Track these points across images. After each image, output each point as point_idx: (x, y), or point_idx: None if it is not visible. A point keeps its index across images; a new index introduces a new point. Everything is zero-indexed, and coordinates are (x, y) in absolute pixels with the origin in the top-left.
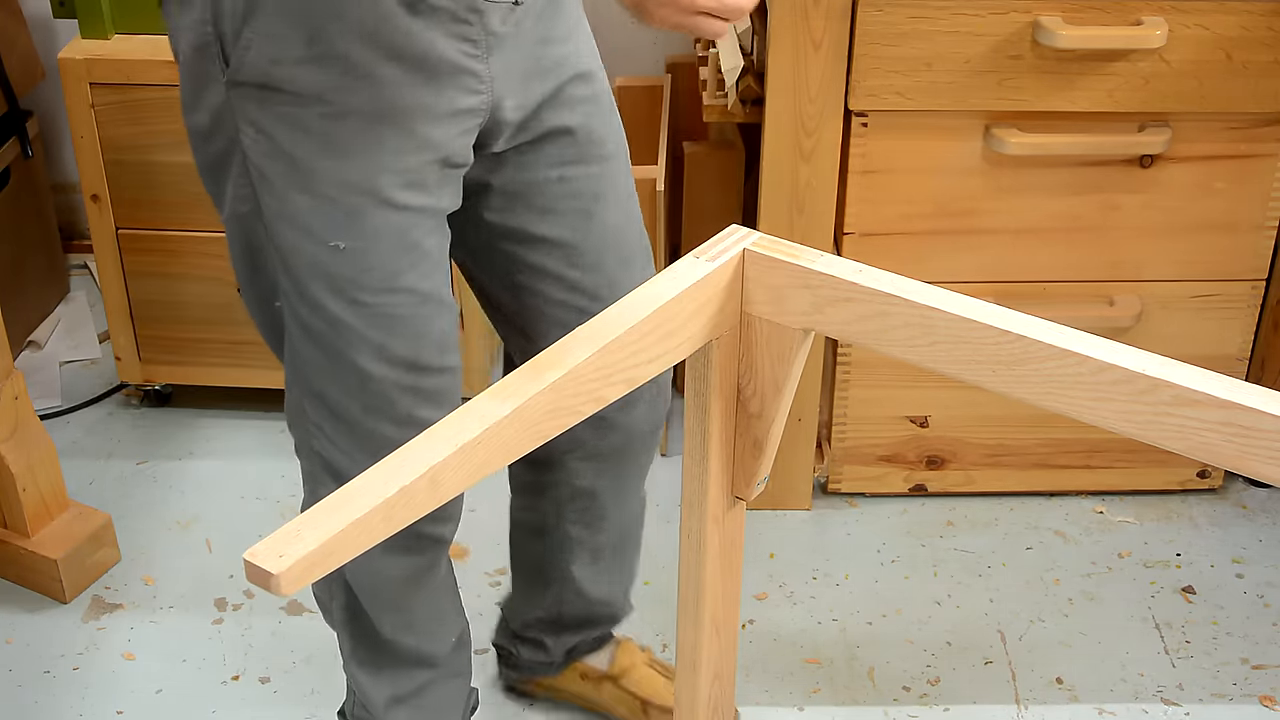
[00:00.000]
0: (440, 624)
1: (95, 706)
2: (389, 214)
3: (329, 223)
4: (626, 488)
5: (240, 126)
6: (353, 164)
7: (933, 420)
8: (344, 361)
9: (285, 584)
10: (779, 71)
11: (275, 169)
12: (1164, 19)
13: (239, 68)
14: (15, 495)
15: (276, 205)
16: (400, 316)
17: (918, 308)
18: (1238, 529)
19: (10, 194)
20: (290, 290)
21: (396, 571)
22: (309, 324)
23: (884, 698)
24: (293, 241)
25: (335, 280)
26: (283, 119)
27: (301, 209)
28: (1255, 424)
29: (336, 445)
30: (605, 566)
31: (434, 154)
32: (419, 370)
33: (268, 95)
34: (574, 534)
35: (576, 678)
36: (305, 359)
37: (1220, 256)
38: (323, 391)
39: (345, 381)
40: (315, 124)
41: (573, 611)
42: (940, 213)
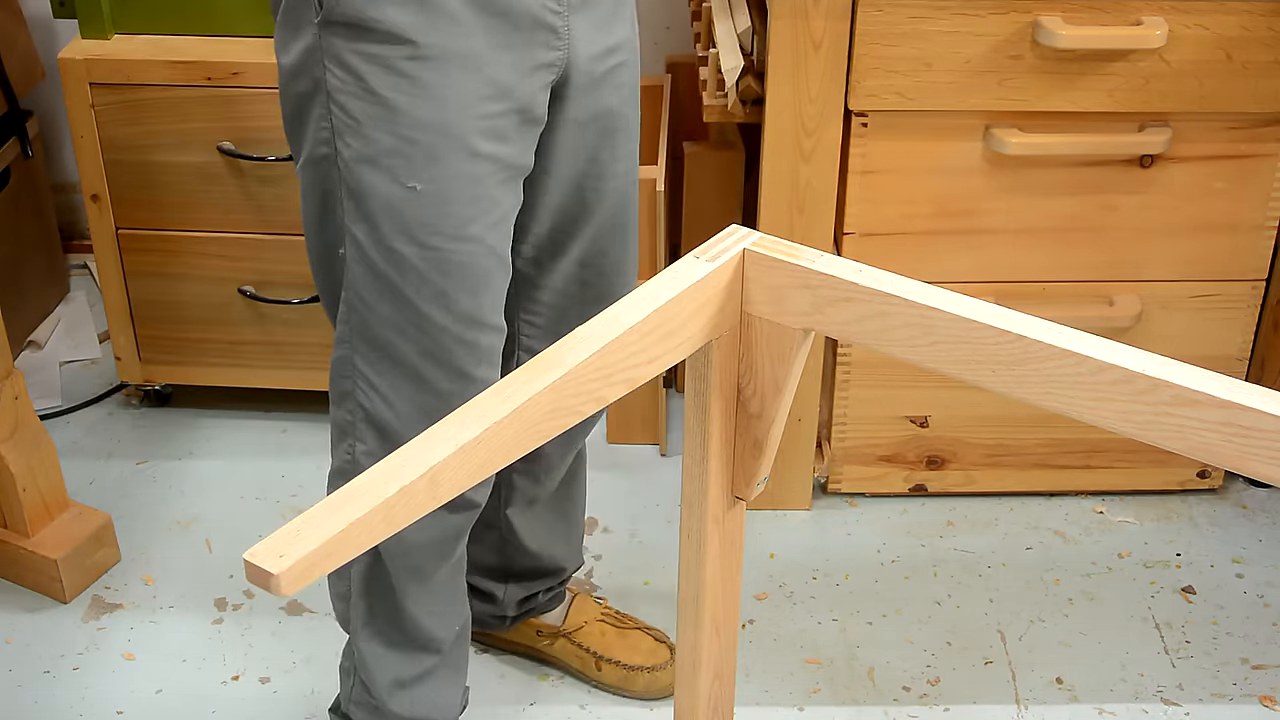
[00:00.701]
0: (451, 605)
1: (95, 706)
2: (467, 160)
3: (409, 164)
4: (573, 443)
5: (328, 66)
6: (436, 106)
7: (933, 420)
8: (408, 306)
9: (285, 584)
10: (779, 71)
11: (359, 108)
12: (1164, 19)
13: (333, 6)
14: (15, 495)
15: (357, 146)
16: (466, 265)
17: (918, 308)
18: (1238, 529)
19: (10, 194)
20: (362, 234)
21: (432, 533)
22: (376, 266)
23: (884, 698)
24: (370, 182)
25: (408, 222)
26: (370, 58)
27: (383, 149)
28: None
29: (385, 398)
30: (540, 516)
31: (513, 104)
32: (477, 325)
33: (358, 34)
34: (517, 484)
35: (531, 633)
36: (368, 304)
37: (1220, 256)
38: (382, 339)
39: (406, 327)
40: (402, 65)
41: (519, 561)
42: (940, 213)
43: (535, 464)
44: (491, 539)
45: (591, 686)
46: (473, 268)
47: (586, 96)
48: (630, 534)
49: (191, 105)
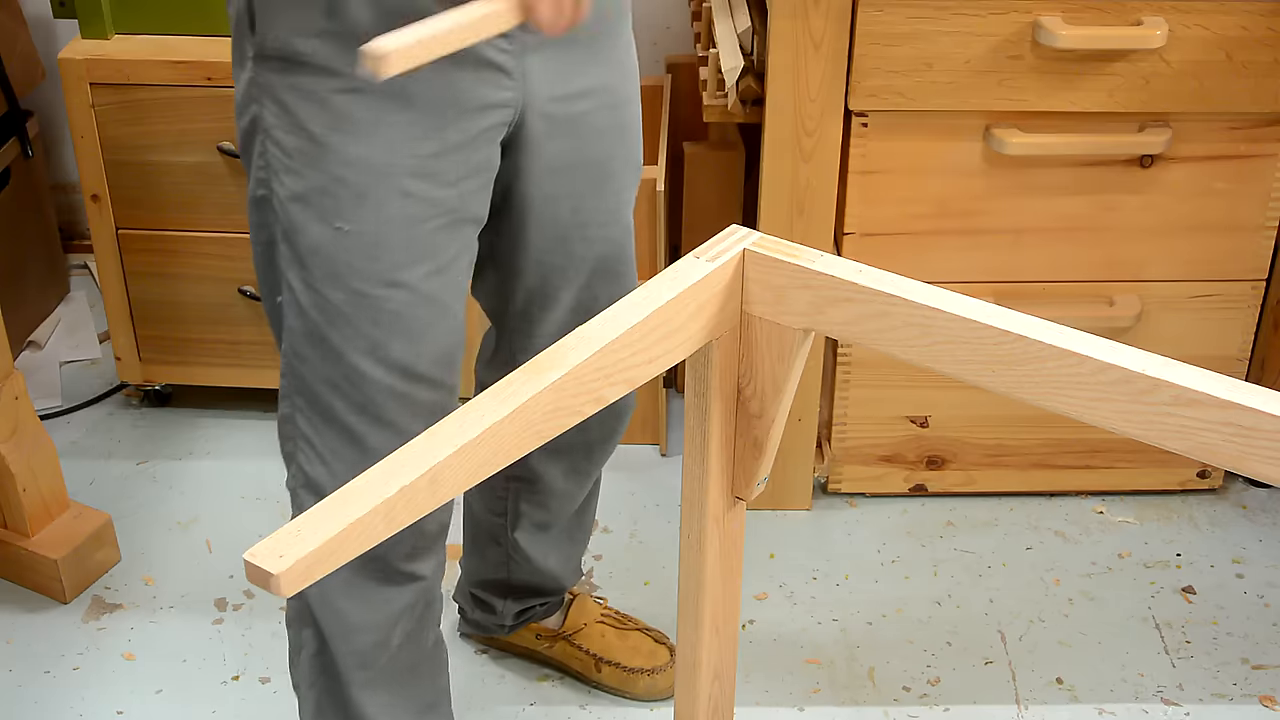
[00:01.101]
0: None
1: (95, 706)
2: (399, 201)
3: (337, 203)
4: (579, 476)
5: (263, 101)
6: (366, 143)
7: (933, 420)
8: (338, 358)
9: (285, 584)
10: (779, 71)
11: (290, 144)
12: (1164, 19)
13: (264, 39)
14: (15, 495)
15: (289, 184)
16: (399, 314)
17: (918, 308)
18: (1238, 529)
19: (10, 194)
20: (295, 279)
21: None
22: (307, 313)
23: (884, 698)
24: (300, 222)
25: (336, 265)
26: (301, 92)
27: (311, 187)
28: (1255, 424)
29: (324, 460)
30: (553, 540)
31: (453, 145)
32: (414, 378)
33: (289, 68)
34: (522, 509)
35: (530, 636)
36: (302, 356)
37: (1220, 256)
38: (315, 393)
39: (339, 381)
40: (333, 99)
41: (520, 578)
42: (940, 213)
43: (545, 495)
44: (496, 555)
45: (591, 687)
46: (406, 317)
47: (554, 142)
48: (630, 534)
49: (191, 105)
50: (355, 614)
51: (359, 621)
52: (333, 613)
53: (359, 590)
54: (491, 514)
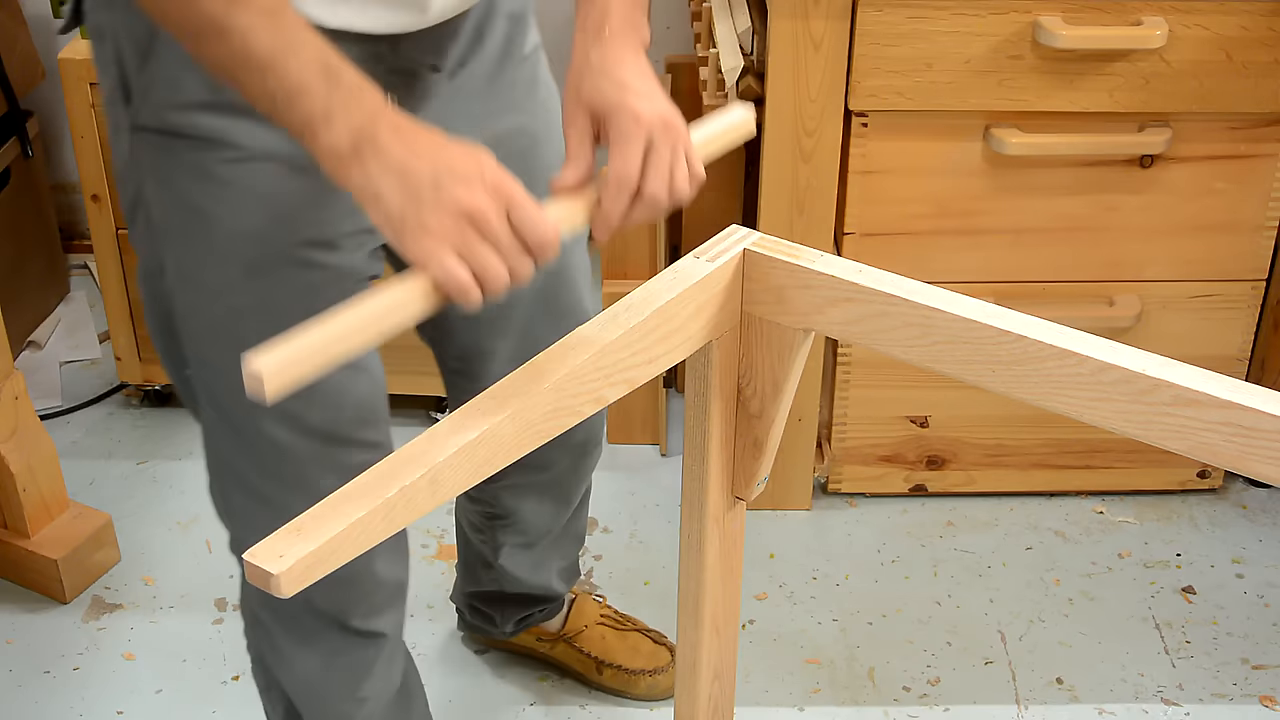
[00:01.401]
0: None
1: (95, 706)
2: (294, 272)
3: (228, 279)
4: (556, 506)
5: (144, 177)
6: (256, 215)
7: (933, 420)
8: (256, 434)
9: (285, 584)
10: (779, 71)
11: (177, 220)
12: (1164, 19)
13: (139, 111)
14: (15, 495)
15: (178, 261)
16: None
17: (918, 308)
18: (1238, 529)
19: (10, 194)
20: (195, 357)
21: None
22: (215, 393)
23: (884, 698)
24: (194, 301)
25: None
26: (185, 165)
27: (202, 264)
28: (1255, 424)
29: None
30: (540, 557)
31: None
32: (337, 443)
33: (169, 141)
34: (501, 539)
35: (531, 639)
36: (219, 435)
37: (1220, 256)
38: (240, 471)
39: (259, 456)
40: (218, 169)
41: (514, 591)
42: (940, 213)
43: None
44: (488, 575)
45: (592, 688)
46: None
47: None
48: (630, 534)
49: None
50: (318, 679)
51: (323, 687)
52: (298, 680)
53: (321, 654)
54: (479, 538)
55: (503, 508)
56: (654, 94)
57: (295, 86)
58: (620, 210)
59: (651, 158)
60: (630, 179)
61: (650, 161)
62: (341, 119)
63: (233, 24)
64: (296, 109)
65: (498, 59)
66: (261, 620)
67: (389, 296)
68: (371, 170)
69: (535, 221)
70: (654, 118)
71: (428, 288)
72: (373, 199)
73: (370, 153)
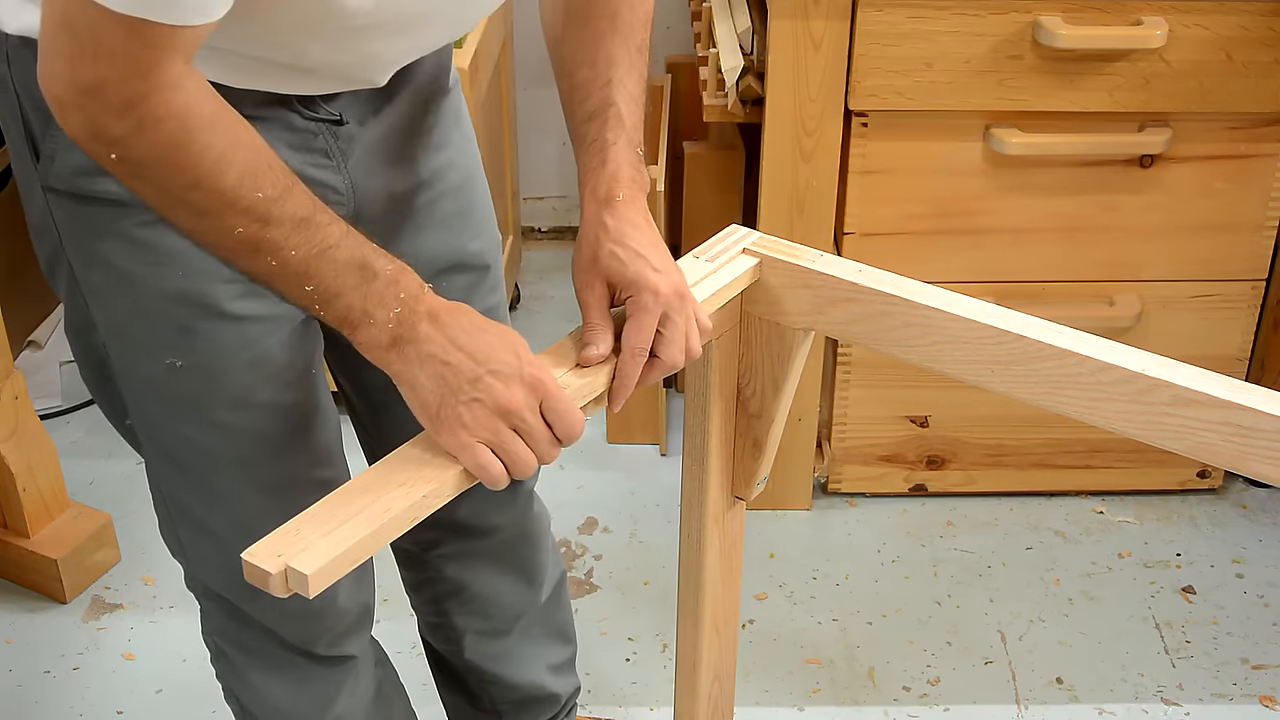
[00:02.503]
0: None
1: (95, 706)
2: (227, 326)
3: (161, 339)
4: (513, 573)
5: (61, 234)
6: (179, 274)
7: (933, 420)
8: (210, 487)
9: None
10: (779, 71)
11: (101, 281)
12: (1164, 19)
13: (48, 173)
14: (15, 495)
15: (106, 320)
16: (263, 433)
17: (918, 308)
18: (1238, 529)
19: (10, 194)
20: (135, 411)
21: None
22: (164, 446)
23: (884, 698)
24: (129, 361)
25: (180, 402)
26: (101, 229)
27: (130, 325)
28: (1255, 424)
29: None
30: (516, 649)
31: None
32: (298, 487)
33: (83, 205)
34: (460, 625)
35: None
36: (170, 483)
37: (1220, 256)
38: (190, 511)
39: (214, 506)
40: (135, 232)
41: (500, 699)
42: (940, 213)
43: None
44: (470, 688)
45: (592, 687)
46: (274, 434)
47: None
48: (630, 534)
49: None
50: (288, 704)
51: (293, 711)
52: (268, 709)
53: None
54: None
55: (450, 583)
56: (668, 264)
57: (332, 290)
58: (635, 377)
59: (669, 328)
60: (644, 350)
61: (668, 330)
62: (380, 314)
63: (266, 241)
64: (335, 308)
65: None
66: (226, 653)
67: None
68: (411, 360)
69: (566, 413)
70: (670, 291)
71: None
72: (410, 387)
73: (409, 344)
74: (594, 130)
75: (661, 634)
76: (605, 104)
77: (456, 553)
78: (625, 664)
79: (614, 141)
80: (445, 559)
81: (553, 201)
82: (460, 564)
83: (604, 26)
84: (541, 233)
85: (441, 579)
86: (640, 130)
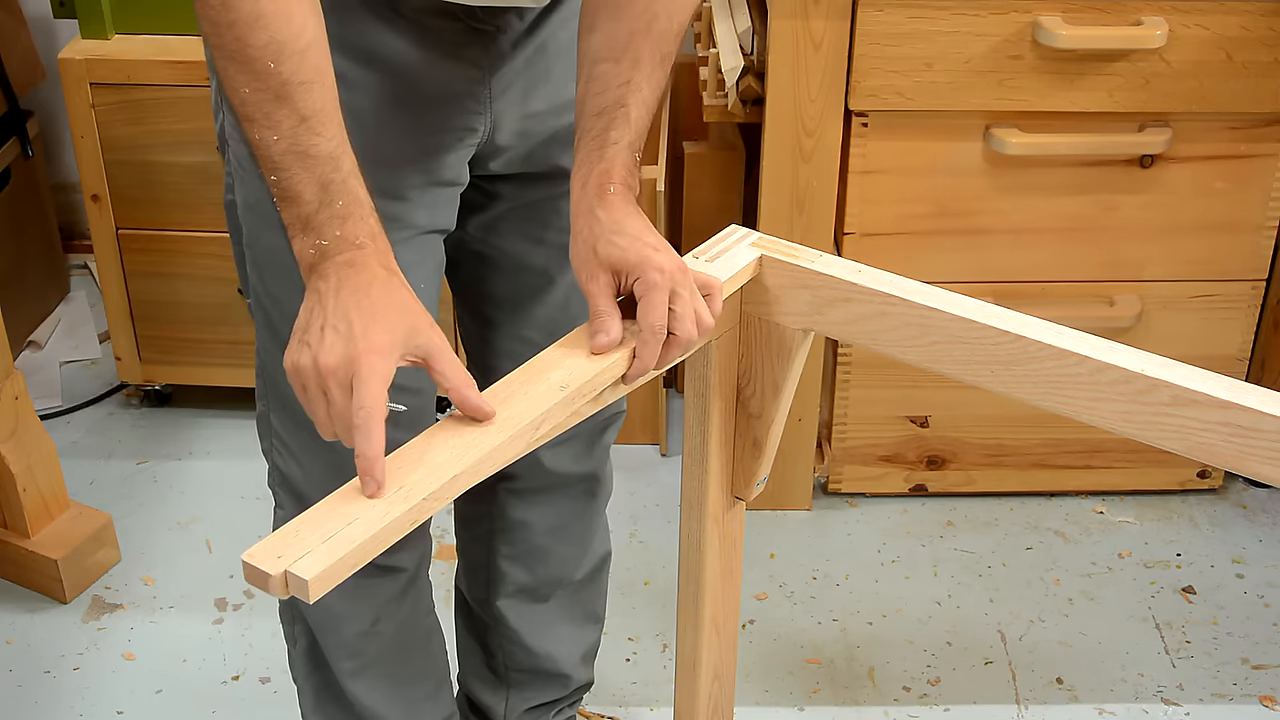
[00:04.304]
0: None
1: (95, 706)
2: None
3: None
4: (568, 531)
5: (224, 107)
6: None
7: (933, 420)
8: None
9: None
10: (779, 71)
11: (244, 152)
12: (1164, 19)
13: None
14: (15, 495)
15: (246, 190)
16: None
17: (917, 308)
18: (1238, 529)
19: (10, 194)
20: (255, 281)
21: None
22: (270, 320)
23: (884, 698)
24: (257, 229)
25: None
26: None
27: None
28: (1255, 424)
29: (297, 458)
30: (548, 616)
31: (415, 167)
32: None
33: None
34: (504, 569)
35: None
36: (271, 357)
37: (1220, 256)
38: (285, 394)
39: None
40: None
41: (515, 663)
42: (940, 213)
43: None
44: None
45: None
46: None
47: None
48: (630, 534)
49: (191, 105)
50: (338, 605)
51: (342, 612)
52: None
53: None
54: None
55: (507, 520)
56: (664, 244)
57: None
58: (655, 356)
59: (678, 304)
60: (662, 328)
61: (678, 306)
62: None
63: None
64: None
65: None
66: None
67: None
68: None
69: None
70: (674, 267)
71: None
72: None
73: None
74: (600, 126)
75: (661, 634)
76: (618, 103)
77: (527, 490)
78: (625, 664)
79: (616, 142)
80: (513, 496)
81: None
82: (526, 504)
83: (639, 28)
84: None
85: (502, 515)
86: (644, 137)
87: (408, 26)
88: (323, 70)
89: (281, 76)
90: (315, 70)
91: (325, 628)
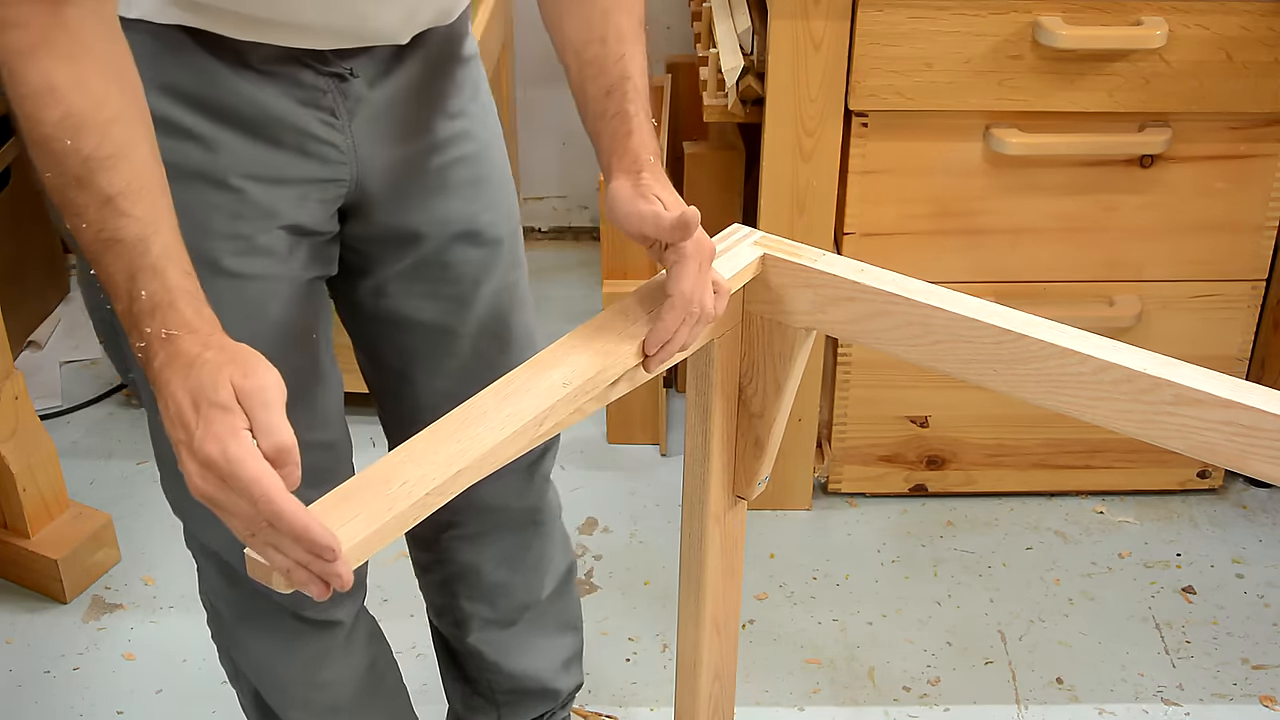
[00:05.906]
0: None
1: (95, 706)
2: (225, 282)
3: None
4: (522, 562)
5: None
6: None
7: (933, 420)
8: None
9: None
10: (779, 71)
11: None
12: (1164, 19)
13: None
14: (15, 495)
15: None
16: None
17: (919, 307)
18: (1238, 529)
19: (10, 194)
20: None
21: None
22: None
23: (884, 698)
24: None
25: None
26: None
27: None
28: (1256, 423)
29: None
30: (521, 638)
31: (279, 221)
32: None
33: None
34: (468, 609)
35: None
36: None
37: (1220, 256)
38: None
39: None
40: None
41: (499, 686)
42: (940, 213)
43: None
44: (470, 671)
45: (592, 687)
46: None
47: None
48: (630, 534)
49: None
50: (278, 665)
51: (281, 668)
52: (258, 666)
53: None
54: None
55: (459, 565)
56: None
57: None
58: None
59: (702, 278)
60: (694, 298)
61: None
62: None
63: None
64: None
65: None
66: (219, 611)
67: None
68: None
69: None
70: (706, 242)
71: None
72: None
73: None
74: (614, 104)
75: (661, 634)
76: (623, 77)
77: (471, 535)
78: (625, 664)
79: (635, 114)
80: (458, 541)
81: (553, 201)
82: (473, 547)
83: (609, 4)
84: (541, 233)
85: (452, 561)
86: (649, 103)
87: (258, 77)
88: (131, 142)
89: (81, 154)
90: (121, 144)
91: (266, 685)
